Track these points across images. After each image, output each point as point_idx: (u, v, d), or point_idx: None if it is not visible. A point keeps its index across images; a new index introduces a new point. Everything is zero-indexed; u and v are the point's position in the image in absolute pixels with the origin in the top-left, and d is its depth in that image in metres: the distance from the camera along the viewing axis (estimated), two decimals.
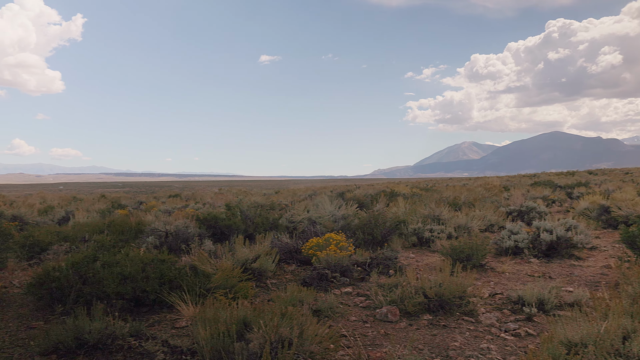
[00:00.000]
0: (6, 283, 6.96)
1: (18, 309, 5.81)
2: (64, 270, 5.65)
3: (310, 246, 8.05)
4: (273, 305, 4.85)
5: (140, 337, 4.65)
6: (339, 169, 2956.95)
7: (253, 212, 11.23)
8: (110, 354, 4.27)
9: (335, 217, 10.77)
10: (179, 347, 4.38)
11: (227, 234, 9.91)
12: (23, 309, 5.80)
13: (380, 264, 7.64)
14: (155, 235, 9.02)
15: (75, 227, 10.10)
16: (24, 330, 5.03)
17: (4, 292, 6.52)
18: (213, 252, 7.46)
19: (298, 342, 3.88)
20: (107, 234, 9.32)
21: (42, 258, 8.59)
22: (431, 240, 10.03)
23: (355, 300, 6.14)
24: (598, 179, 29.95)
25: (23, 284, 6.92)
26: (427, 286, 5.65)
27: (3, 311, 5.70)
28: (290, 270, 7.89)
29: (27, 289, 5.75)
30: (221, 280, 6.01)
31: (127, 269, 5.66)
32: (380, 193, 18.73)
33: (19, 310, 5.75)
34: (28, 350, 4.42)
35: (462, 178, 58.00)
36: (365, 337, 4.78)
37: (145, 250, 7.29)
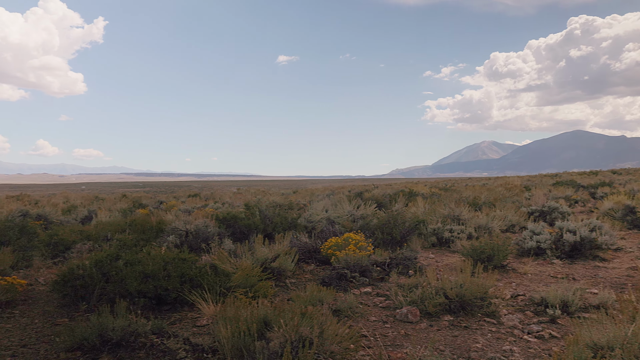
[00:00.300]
0: (32, 281, 7.12)
1: (43, 306, 5.93)
2: (88, 269, 5.76)
3: (329, 246, 8.05)
4: (293, 304, 4.86)
5: (162, 334, 4.71)
6: (356, 169, 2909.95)
7: (272, 211, 11.28)
8: (133, 351, 4.33)
9: (353, 217, 10.75)
10: (200, 345, 4.42)
11: (247, 234, 9.97)
12: (48, 306, 5.92)
13: (399, 264, 7.60)
14: (176, 234, 9.13)
15: (98, 226, 10.28)
16: (49, 327, 5.14)
17: (30, 289, 6.67)
18: (233, 251, 7.51)
19: (318, 341, 3.89)
20: (129, 233, 9.46)
21: (66, 256, 8.75)
22: (451, 241, 9.93)
23: (375, 300, 6.12)
24: (622, 178, 29.29)
25: (48, 282, 7.07)
26: (447, 287, 5.60)
27: (29, 308, 5.83)
28: (309, 270, 7.90)
29: (52, 287, 5.87)
30: (241, 279, 6.05)
31: (149, 267, 5.74)
32: (399, 193, 18.64)
33: (45, 307, 5.88)
34: (53, 347, 4.51)
35: (482, 178, 57.35)
36: (385, 337, 4.76)
37: (166, 249, 7.37)
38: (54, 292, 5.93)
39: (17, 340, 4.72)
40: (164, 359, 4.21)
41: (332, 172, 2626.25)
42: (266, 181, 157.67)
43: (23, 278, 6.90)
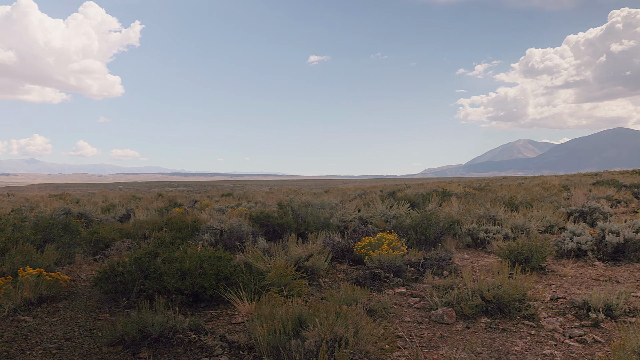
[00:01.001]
0: (74, 277, 7.37)
1: (86, 301, 6.14)
2: (128, 266, 5.92)
3: (362, 245, 8.02)
4: (327, 303, 4.86)
5: (199, 331, 4.79)
6: (387, 168, 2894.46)
7: (304, 211, 11.32)
8: (171, 347, 4.43)
9: (386, 217, 10.68)
10: (237, 343, 4.48)
11: (280, 233, 10.05)
12: (90, 301, 6.12)
13: (434, 264, 7.50)
14: (211, 233, 9.28)
15: (136, 225, 10.56)
16: (91, 322, 5.31)
17: (73, 285, 6.91)
18: (267, 250, 7.58)
19: (354, 341, 3.88)
20: (166, 231, 9.67)
21: (106, 253, 9.02)
22: (486, 241, 9.73)
23: (409, 300, 6.06)
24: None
25: (90, 278, 7.32)
26: (484, 288, 5.49)
27: (72, 303, 6.04)
28: (343, 270, 7.89)
29: (94, 283, 6.07)
30: (275, 278, 6.10)
31: (186, 265, 5.85)
32: (432, 192, 18.39)
33: (87, 302, 6.08)
34: (96, 341, 4.66)
35: (517, 177, 55.96)
36: (421, 338, 4.71)
37: (202, 247, 7.50)
38: (96, 287, 6.13)
39: (62, 334, 4.90)
40: (201, 355, 4.29)
41: (362, 171, 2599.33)
42: (297, 181, 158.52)
43: (66, 274, 7.16)
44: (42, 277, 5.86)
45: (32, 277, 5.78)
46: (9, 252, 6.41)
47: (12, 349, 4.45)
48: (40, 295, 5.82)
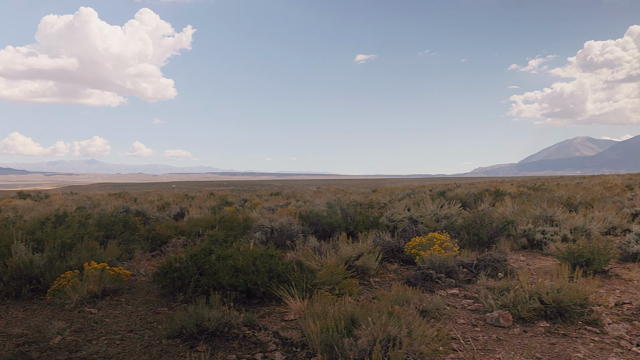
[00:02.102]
0: (134, 272, 7.71)
1: (145, 295, 6.41)
2: (184, 262, 6.13)
3: (413, 245, 7.93)
4: (379, 303, 4.84)
5: (253, 327, 4.90)
6: (436, 168, 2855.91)
7: (353, 210, 11.31)
8: (227, 341, 4.55)
9: (437, 217, 10.49)
10: (290, 339, 4.54)
11: (329, 232, 10.09)
12: (149, 295, 6.38)
13: (487, 265, 7.30)
14: (262, 231, 9.45)
15: (190, 223, 10.91)
16: (151, 315, 5.54)
17: (133, 279, 7.23)
18: (317, 249, 7.63)
19: (407, 341, 3.84)
20: (218, 229, 9.94)
21: (162, 250, 9.38)
22: (543, 243, 9.36)
23: (463, 302, 5.93)
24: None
25: (148, 273, 7.63)
26: (543, 291, 5.29)
27: (133, 297, 6.32)
28: (393, 269, 7.82)
29: (153, 278, 6.33)
30: (326, 276, 6.14)
31: (239, 262, 5.99)
32: (484, 192, 17.89)
33: (146, 296, 6.34)
34: (156, 333, 4.86)
35: (575, 176, 53.47)
36: (476, 341, 4.60)
37: (254, 245, 7.66)
38: (154, 282, 6.38)
39: (124, 326, 5.14)
40: (255, 350, 4.38)
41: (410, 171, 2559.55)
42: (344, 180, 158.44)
43: (126, 269, 7.50)
44: (105, 272, 6.17)
45: (97, 271, 6.10)
46: (76, 248, 6.79)
47: (80, 339, 4.71)
48: (104, 288, 6.13)
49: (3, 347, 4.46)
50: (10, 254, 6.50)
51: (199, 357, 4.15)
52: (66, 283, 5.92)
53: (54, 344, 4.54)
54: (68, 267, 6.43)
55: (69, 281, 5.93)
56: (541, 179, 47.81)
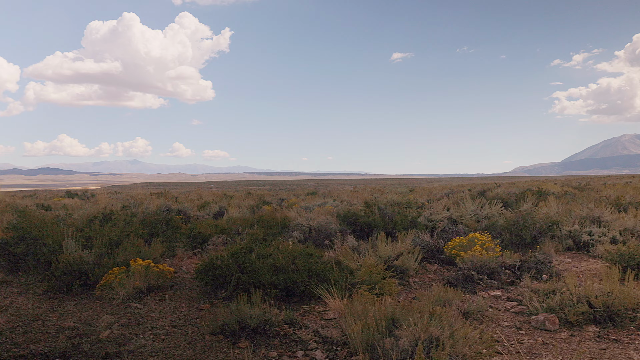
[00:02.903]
0: (177, 269, 7.91)
1: (188, 292, 6.57)
2: (225, 260, 6.25)
3: (453, 246, 7.80)
4: (420, 303, 4.79)
5: (294, 325, 4.94)
6: (475, 167, 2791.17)
7: (391, 209, 11.23)
8: (268, 339, 4.61)
9: (477, 217, 10.28)
10: (330, 338, 4.56)
11: (367, 231, 10.05)
12: (192, 292, 6.54)
13: (531, 267, 7.09)
14: (300, 230, 9.52)
15: (230, 221, 11.10)
16: (194, 311, 5.67)
17: (176, 276, 7.42)
18: (355, 248, 7.62)
19: (450, 343, 3.78)
20: (257, 228, 10.07)
21: (203, 248, 9.58)
22: (590, 245, 9.02)
23: (506, 304, 5.79)
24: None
25: (190, 270, 7.82)
26: (591, 294, 5.10)
27: (176, 293, 6.49)
28: (433, 270, 7.72)
29: (195, 275, 6.48)
30: (365, 276, 6.12)
31: (279, 260, 6.06)
32: (526, 192, 17.39)
33: (189, 293, 6.50)
34: (199, 329, 4.97)
35: (623, 175, 51.24)
36: (520, 344, 4.48)
37: (292, 244, 7.72)
38: (197, 279, 6.53)
39: (169, 321, 5.29)
40: (296, 348, 4.42)
41: (448, 170, 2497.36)
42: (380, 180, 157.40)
43: (169, 266, 7.70)
44: (150, 268, 6.36)
45: (142, 267, 6.30)
46: (122, 245, 7.03)
47: (127, 333, 4.88)
48: (149, 284, 6.32)
49: (57, 339, 4.67)
50: (62, 250, 6.80)
51: (241, 353, 4.23)
52: (114, 279, 6.14)
53: (103, 337, 4.72)
54: (115, 263, 6.66)
55: (116, 277, 6.15)
56: (586, 178, 46.04)
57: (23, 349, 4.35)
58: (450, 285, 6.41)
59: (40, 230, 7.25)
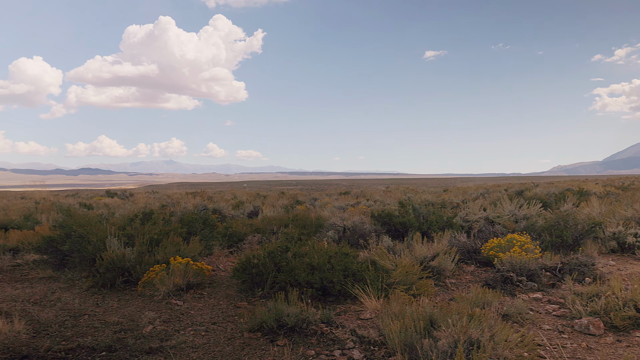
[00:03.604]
0: (214, 267, 8.07)
1: (225, 289, 6.69)
2: (262, 259, 6.33)
3: (491, 247, 7.66)
4: (458, 305, 4.74)
5: (330, 324, 4.96)
6: (511, 166, 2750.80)
7: (425, 209, 11.11)
8: (305, 337, 4.65)
9: (515, 217, 10.06)
10: (367, 338, 4.56)
11: (401, 231, 9.98)
12: (229, 290, 6.66)
13: (573, 269, 6.89)
14: (334, 230, 9.54)
15: (265, 221, 11.23)
16: (232, 309, 5.78)
17: (213, 274, 7.57)
18: (391, 248, 7.59)
19: (490, 345, 3.73)
20: (292, 227, 10.15)
21: (239, 247, 9.73)
22: (636, 247, 8.68)
23: (547, 307, 5.64)
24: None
25: (227, 269, 7.96)
26: (639, 298, 4.92)
27: (214, 291, 6.63)
28: (470, 271, 7.60)
29: (232, 273, 6.59)
30: (401, 276, 6.09)
31: (315, 260, 6.09)
32: (566, 192, 16.88)
33: (226, 291, 6.62)
34: (238, 326, 5.06)
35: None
36: (564, 348, 4.36)
37: (327, 243, 7.74)
38: (234, 278, 6.65)
39: (208, 318, 5.41)
40: (333, 347, 4.44)
41: (482, 169, 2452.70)
42: (413, 179, 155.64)
43: (207, 264, 7.86)
44: (189, 266, 6.52)
45: (182, 265, 6.46)
46: (162, 243, 7.23)
47: (169, 328, 5.02)
48: (188, 282, 6.48)
49: (103, 333, 4.85)
50: (105, 247, 7.04)
51: (280, 351, 4.28)
52: (155, 276, 6.32)
53: (146, 332, 4.87)
54: (155, 261, 6.86)
55: (157, 274, 6.33)
56: (630, 177, 44.24)
57: (72, 342, 4.53)
58: (488, 286, 6.29)
59: (85, 229, 7.53)
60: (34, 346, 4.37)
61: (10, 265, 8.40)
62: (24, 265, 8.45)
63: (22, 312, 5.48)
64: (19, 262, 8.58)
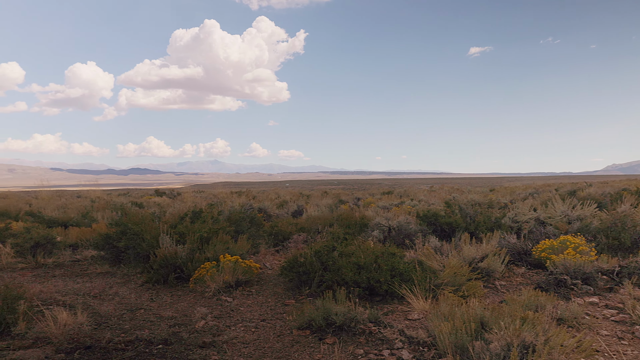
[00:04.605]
0: (260, 265, 8.22)
1: (273, 287, 6.81)
2: (309, 258, 6.41)
3: (543, 248, 7.43)
4: (510, 307, 4.63)
5: (378, 324, 4.97)
6: (561, 165, 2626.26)
7: (472, 209, 10.89)
8: (354, 336, 4.68)
9: (569, 218, 9.69)
10: (416, 338, 4.53)
11: (447, 232, 9.83)
12: (277, 288, 6.77)
13: (632, 273, 6.57)
14: (379, 229, 9.50)
15: (309, 220, 11.32)
16: (280, 306, 5.88)
17: (260, 272, 7.71)
18: (438, 249, 7.49)
19: (545, 349, 3.63)
20: (336, 226, 10.19)
21: (284, 245, 9.86)
22: None
23: (604, 312, 5.42)
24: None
25: (273, 267, 8.10)
26: None
27: (262, 288, 6.76)
28: (520, 273, 7.39)
29: (280, 271, 6.70)
30: (449, 277, 6.01)
31: (362, 259, 6.11)
32: (622, 192, 16.09)
33: (274, 288, 6.74)
34: (286, 324, 5.15)
35: None
36: (624, 355, 4.19)
37: (372, 243, 7.73)
38: (281, 276, 6.76)
39: (257, 315, 5.53)
40: (382, 346, 4.44)
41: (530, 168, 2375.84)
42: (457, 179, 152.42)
43: (254, 262, 8.02)
44: (238, 264, 6.68)
45: (231, 263, 6.63)
46: (212, 241, 7.44)
47: (220, 324, 5.17)
48: (237, 279, 6.64)
49: (158, 327, 5.05)
50: (158, 245, 7.32)
51: (330, 349, 4.33)
52: (205, 273, 6.52)
53: (199, 327, 5.04)
54: (205, 258, 7.06)
55: (207, 271, 6.53)
56: None
57: (130, 335, 4.75)
58: (540, 289, 6.11)
59: (139, 227, 7.85)
60: (96, 337, 4.61)
61: (71, 261, 8.86)
62: (82, 260, 8.90)
63: (83, 305, 5.79)
64: (78, 258, 9.04)
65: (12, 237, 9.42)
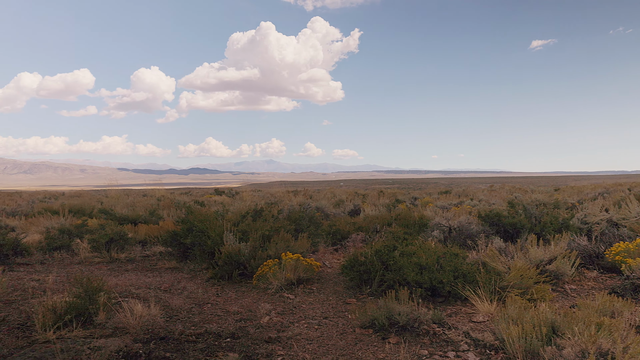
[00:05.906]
0: (321, 263, 8.32)
1: (333, 286, 6.88)
2: (369, 257, 6.42)
3: (617, 251, 7.03)
4: (583, 312, 4.43)
5: (442, 325, 4.91)
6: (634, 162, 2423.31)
7: (537, 210, 10.45)
8: (417, 336, 4.65)
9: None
10: (482, 341, 4.44)
11: (511, 233, 9.50)
12: (337, 286, 6.83)
13: None
14: (440, 229, 9.35)
15: (367, 219, 11.32)
16: (341, 305, 5.93)
17: (320, 271, 7.80)
18: (502, 250, 7.27)
19: (625, 358, 3.45)
20: (395, 226, 10.13)
21: (343, 244, 9.92)
22: None
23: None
24: None
25: (333, 265, 8.17)
26: None
27: (323, 287, 6.84)
28: (592, 277, 7.04)
29: (341, 270, 6.76)
30: (515, 279, 5.83)
31: (423, 259, 6.04)
32: None
33: (335, 287, 6.80)
34: (348, 322, 5.19)
35: None
36: None
37: (433, 243, 7.62)
38: (342, 274, 6.81)
39: (320, 313, 5.61)
40: (447, 348, 4.39)
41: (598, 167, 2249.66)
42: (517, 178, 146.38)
43: (315, 261, 8.13)
44: (299, 262, 6.80)
45: (292, 261, 6.76)
46: (273, 239, 7.61)
47: (284, 320, 5.29)
48: (299, 277, 6.76)
49: (225, 321, 5.25)
50: (223, 242, 7.58)
51: (394, 348, 4.33)
52: (268, 270, 6.69)
53: (263, 322, 5.18)
54: (267, 256, 7.24)
55: (270, 269, 6.69)
56: None
57: (200, 328, 4.97)
58: (615, 294, 5.79)
59: (204, 224, 8.16)
60: (169, 329, 4.86)
61: (141, 256, 9.37)
62: (152, 256, 9.39)
63: (156, 298, 6.11)
64: (147, 254, 9.54)
65: (89, 233, 10.08)
